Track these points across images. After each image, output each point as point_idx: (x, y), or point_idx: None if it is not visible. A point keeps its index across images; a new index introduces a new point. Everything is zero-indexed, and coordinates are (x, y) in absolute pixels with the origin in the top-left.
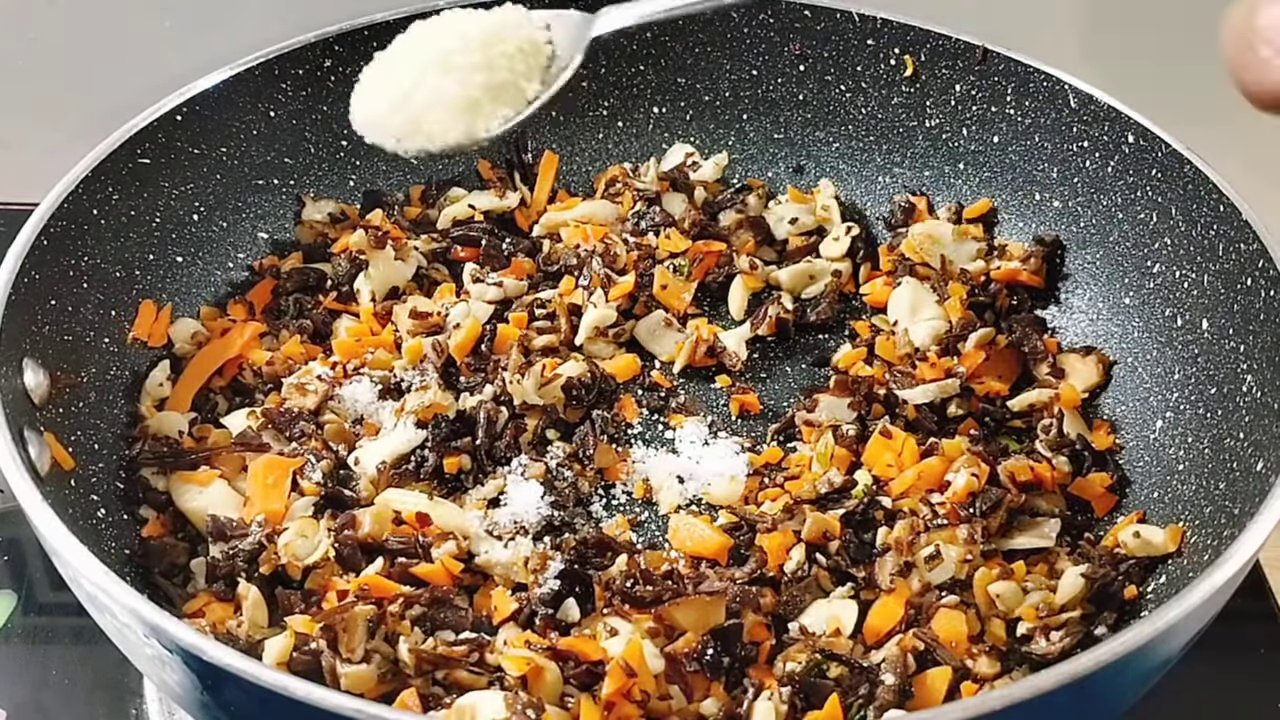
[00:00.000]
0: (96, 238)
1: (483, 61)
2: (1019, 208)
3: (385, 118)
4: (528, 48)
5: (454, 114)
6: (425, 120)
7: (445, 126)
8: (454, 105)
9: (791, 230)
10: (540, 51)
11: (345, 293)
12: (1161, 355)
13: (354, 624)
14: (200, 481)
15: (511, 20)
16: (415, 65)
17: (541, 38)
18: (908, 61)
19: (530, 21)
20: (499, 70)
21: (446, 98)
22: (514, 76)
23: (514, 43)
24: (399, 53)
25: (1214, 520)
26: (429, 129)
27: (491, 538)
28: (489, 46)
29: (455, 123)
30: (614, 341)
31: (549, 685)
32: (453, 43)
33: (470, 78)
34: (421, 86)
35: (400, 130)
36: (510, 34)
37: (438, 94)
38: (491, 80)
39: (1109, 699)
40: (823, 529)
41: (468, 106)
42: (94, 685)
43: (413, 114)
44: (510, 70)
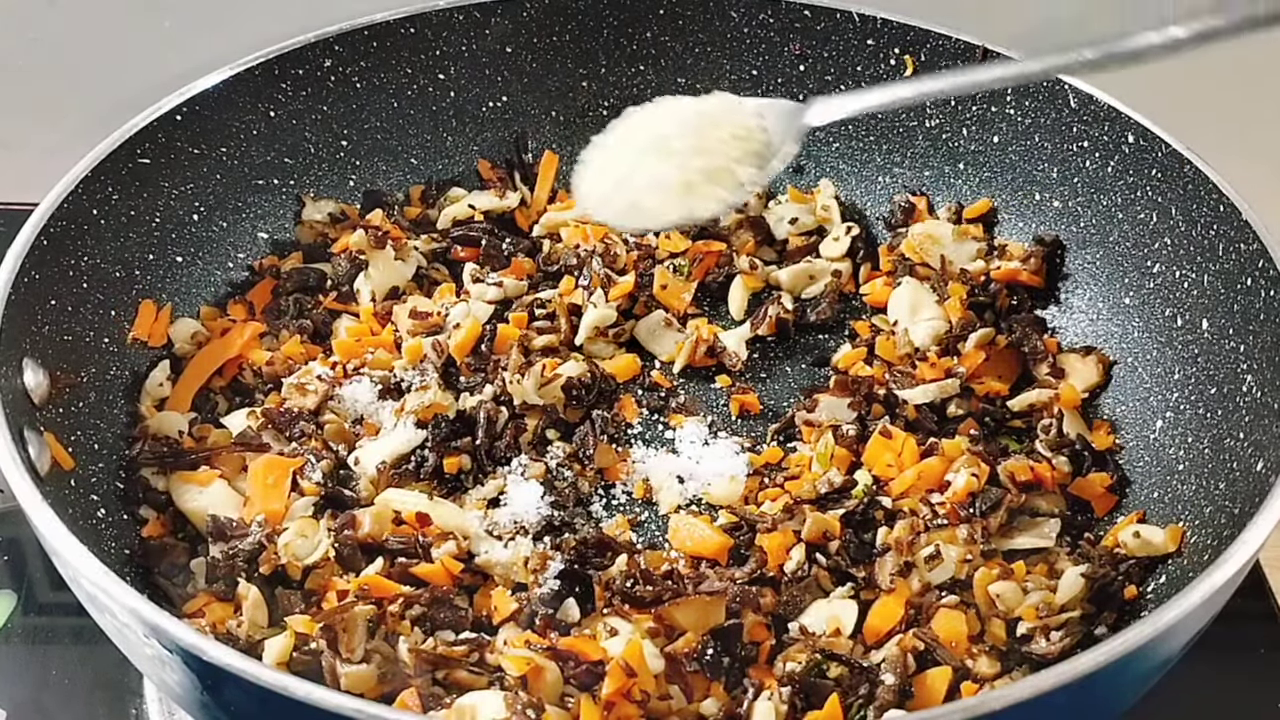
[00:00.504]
0: (96, 238)
1: (699, 146)
2: (1019, 208)
3: (609, 198)
4: (741, 133)
5: (672, 197)
6: (646, 202)
7: (665, 208)
8: (672, 188)
9: (791, 230)
10: (753, 137)
11: (345, 293)
12: (1161, 355)
13: (354, 624)
14: (200, 481)
15: (725, 106)
16: (635, 149)
17: (754, 124)
18: (908, 61)
19: (742, 108)
20: (715, 155)
21: (665, 181)
22: (728, 161)
23: (728, 128)
24: (620, 136)
25: (1214, 520)
26: (649, 210)
27: (491, 538)
28: (705, 132)
29: (674, 205)
30: (614, 341)
31: (549, 685)
32: (670, 128)
33: (688, 162)
34: (641, 170)
35: (622, 210)
36: (724, 120)
37: (657, 178)
38: (708, 165)
39: (1109, 699)
40: (823, 529)
41: (685, 189)
42: (94, 685)
43: (634, 196)
44: (725, 155)
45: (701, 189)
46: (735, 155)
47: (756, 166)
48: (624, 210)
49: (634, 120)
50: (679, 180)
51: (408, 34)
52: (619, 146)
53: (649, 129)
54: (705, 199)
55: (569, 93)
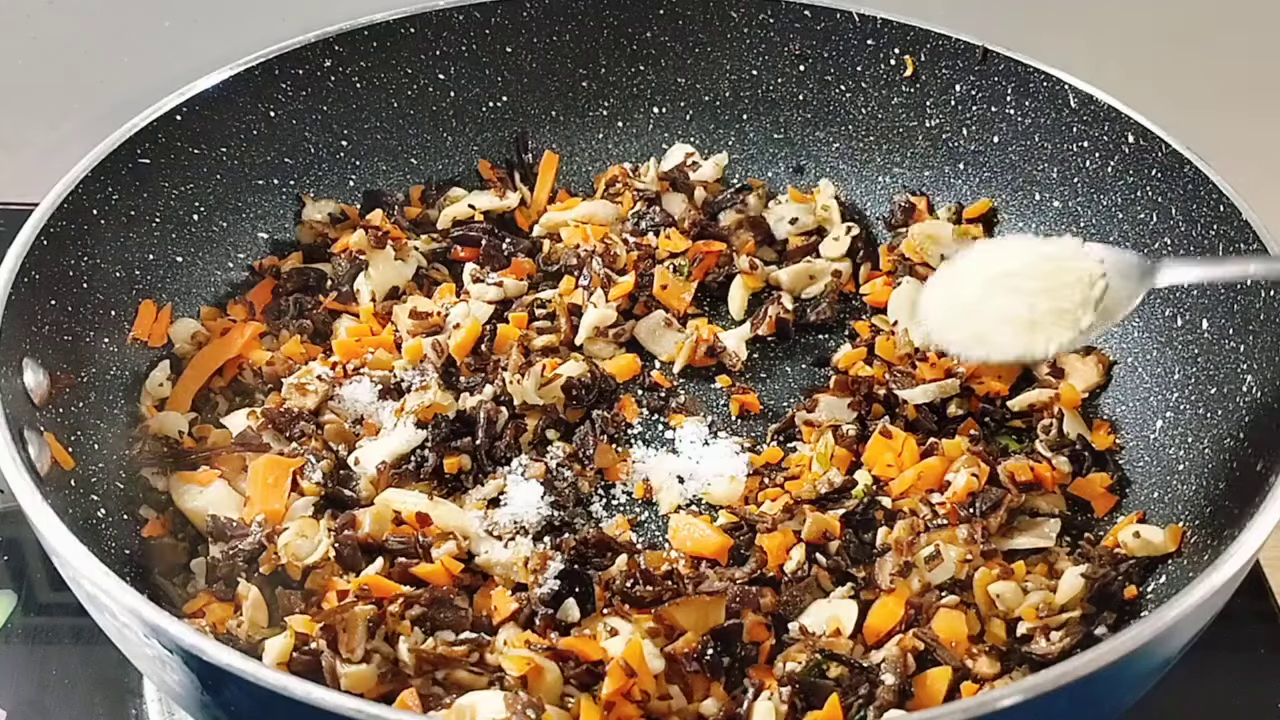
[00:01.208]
0: (96, 238)
1: (1046, 288)
2: (1019, 208)
3: (956, 324)
4: (1085, 279)
5: (1017, 332)
6: (991, 334)
7: (1008, 342)
8: (1019, 324)
9: (791, 230)
10: (1096, 285)
11: (345, 293)
12: (1161, 355)
13: (354, 624)
14: (200, 481)
15: (1070, 251)
16: (983, 281)
17: (1098, 271)
18: (908, 61)
19: (1087, 254)
20: (1059, 298)
21: (1013, 316)
22: (1072, 305)
23: (1074, 274)
24: (969, 266)
25: (1214, 520)
26: (994, 341)
27: (491, 538)
28: (1052, 275)
29: (1017, 340)
30: (614, 341)
31: (549, 685)
32: (1019, 266)
33: (1036, 302)
34: (989, 303)
35: (967, 338)
36: (1070, 264)
37: (1006, 312)
38: (1053, 306)
39: (1109, 699)
40: (823, 529)
41: (1029, 327)
42: (94, 685)
43: (981, 326)
44: (1069, 299)
45: (1045, 328)
46: (1077, 300)
47: (1095, 312)
48: (968, 339)
49: (983, 253)
50: (1027, 318)
51: (408, 34)
52: (968, 276)
53: (998, 264)
54: (1047, 338)
55: (569, 93)
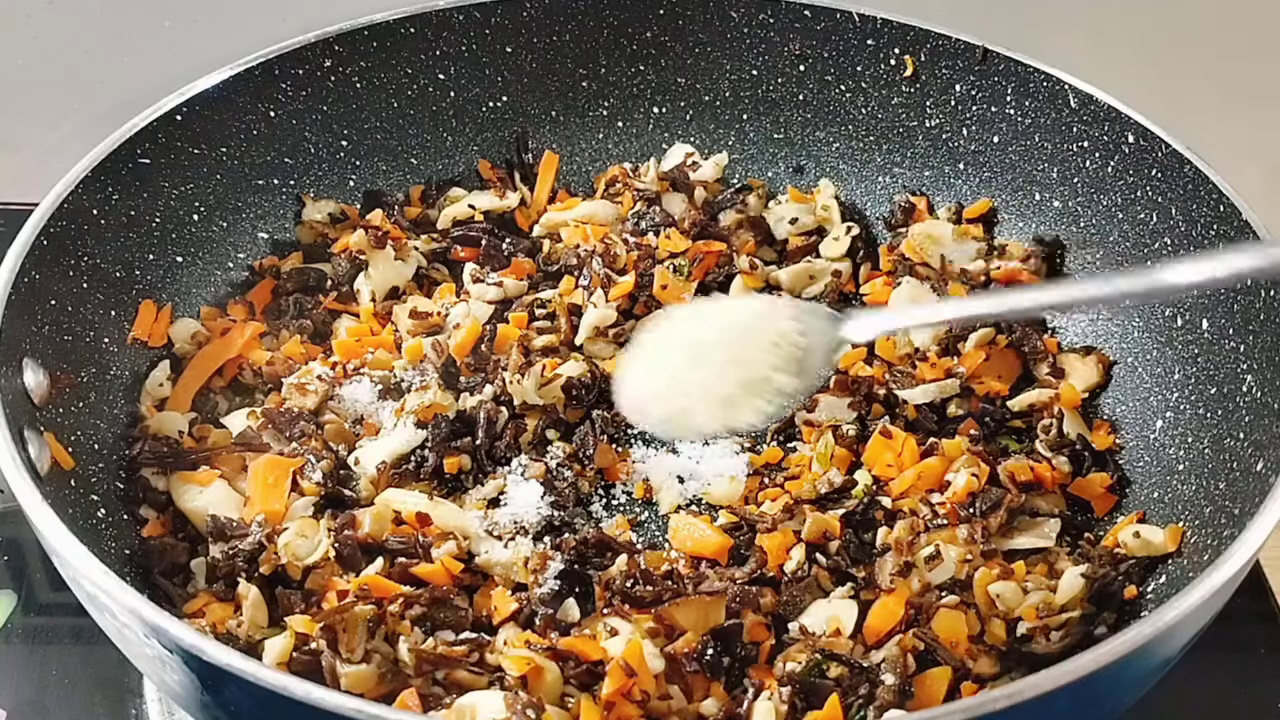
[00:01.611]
0: (96, 238)
1: (737, 356)
2: (1019, 208)
3: (648, 408)
4: (780, 340)
5: (712, 408)
6: (685, 414)
7: (705, 419)
8: (712, 400)
9: (791, 230)
10: (791, 344)
11: (345, 293)
12: (1161, 355)
13: (354, 624)
14: (200, 481)
15: (762, 312)
16: (673, 357)
17: (791, 329)
18: (908, 61)
19: (780, 314)
20: (753, 365)
21: (706, 393)
22: (767, 370)
23: (766, 336)
24: (658, 341)
25: (1214, 520)
26: (690, 421)
27: (491, 538)
28: (743, 341)
29: (714, 416)
30: (614, 341)
31: (549, 685)
32: (709, 335)
33: (726, 372)
34: (680, 381)
35: (662, 420)
36: (762, 327)
37: (696, 389)
38: (746, 375)
39: (1109, 699)
40: (823, 529)
41: (724, 403)
42: (94, 685)
43: (673, 407)
44: (763, 364)
45: (740, 401)
46: (773, 363)
47: (794, 374)
48: (663, 420)
49: (672, 325)
50: (719, 394)
51: (408, 34)
52: (657, 353)
53: (687, 335)
54: (744, 410)
55: (569, 93)
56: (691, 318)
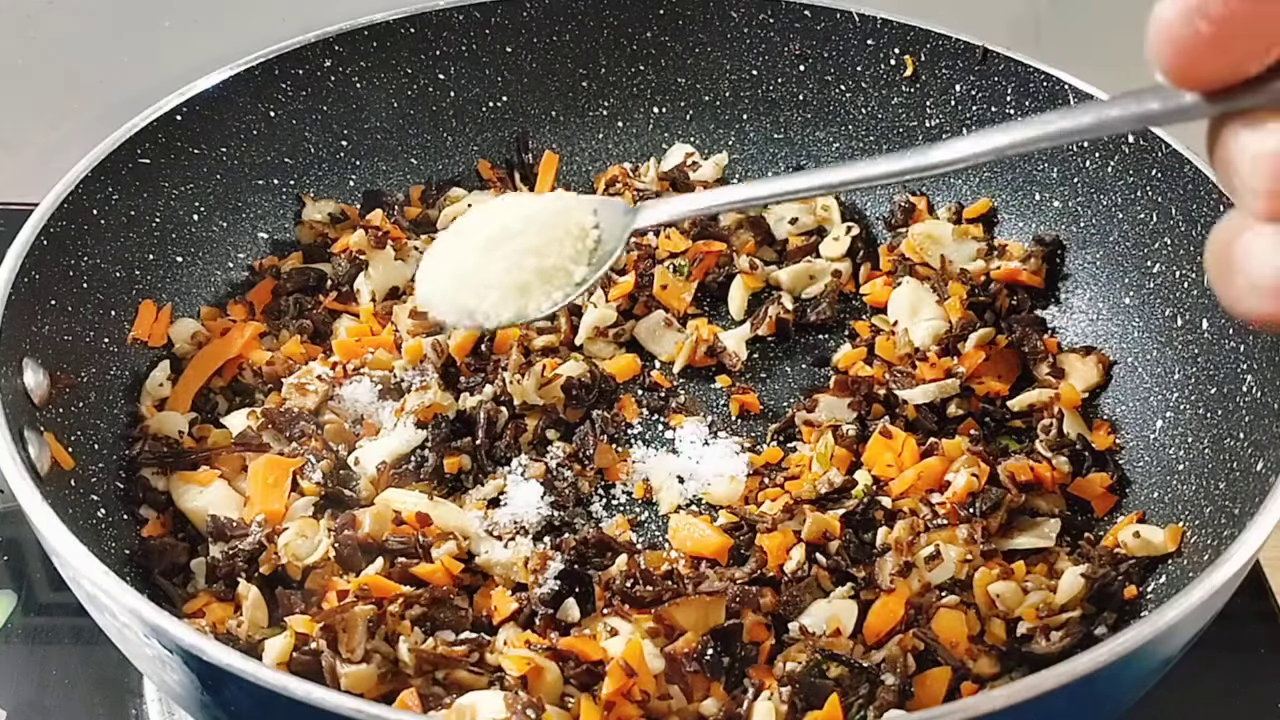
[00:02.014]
0: (96, 238)
1: (534, 246)
2: (1019, 208)
3: (445, 297)
4: (576, 232)
5: (507, 296)
6: (481, 302)
7: (499, 308)
8: (507, 288)
9: (791, 230)
10: (587, 236)
11: (345, 293)
12: (1162, 355)
13: (354, 624)
14: (200, 481)
15: (561, 206)
16: (471, 249)
17: (589, 222)
18: (908, 62)
19: (579, 206)
20: (549, 255)
21: (501, 282)
22: (563, 261)
23: (563, 228)
24: (457, 235)
25: (1214, 520)
26: (485, 309)
27: (491, 538)
28: (540, 233)
29: (508, 304)
30: (614, 341)
31: (549, 685)
32: (507, 227)
33: (522, 262)
34: (477, 270)
35: (458, 310)
36: (560, 220)
37: (493, 277)
38: (542, 265)
39: (1109, 699)
40: (823, 529)
41: (520, 289)
42: (94, 685)
43: (470, 295)
44: (559, 254)
45: (535, 288)
46: (570, 254)
47: (589, 264)
48: (460, 309)
49: (473, 218)
50: (514, 281)
51: (408, 34)
52: (457, 244)
53: (486, 228)
54: (538, 298)
55: (569, 93)
56: (491, 211)
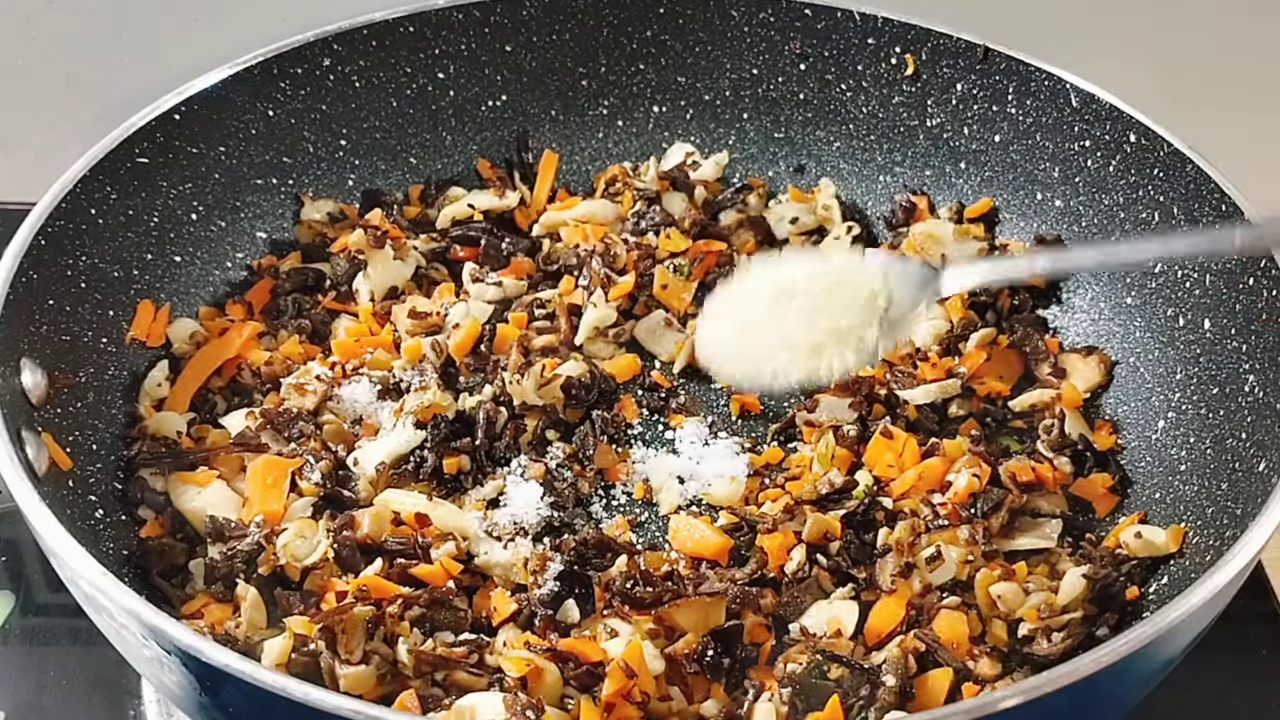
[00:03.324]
0: (94, 237)
1: (825, 307)
2: (1020, 207)
3: (734, 357)
4: (867, 294)
5: (799, 357)
6: (771, 363)
7: (790, 368)
8: (799, 349)
9: (792, 230)
10: (878, 297)
11: (344, 293)
12: (1163, 355)
13: (353, 625)
14: (199, 482)
15: (848, 266)
16: (760, 307)
17: (879, 285)
18: (909, 60)
19: (865, 268)
20: (840, 316)
21: (792, 342)
22: (853, 324)
23: (854, 289)
24: (745, 291)
25: (1216, 521)
26: (774, 369)
27: (491, 538)
28: (831, 293)
29: (799, 365)
30: (614, 341)
31: (549, 686)
32: (797, 287)
33: (816, 321)
34: (769, 329)
35: (747, 370)
36: (848, 280)
37: (787, 337)
38: (834, 326)
39: (1111, 700)
40: (823, 530)
41: (811, 352)
42: (92, 686)
43: (759, 356)
44: (850, 317)
45: (828, 350)
46: (860, 318)
47: (880, 327)
48: (748, 370)
49: (760, 276)
50: (806, 342)
51: (407, 33)
52: (743, 303)
53: (775, 287)
54: (831, 360)
55: (569, 92)
56: (778, 270)
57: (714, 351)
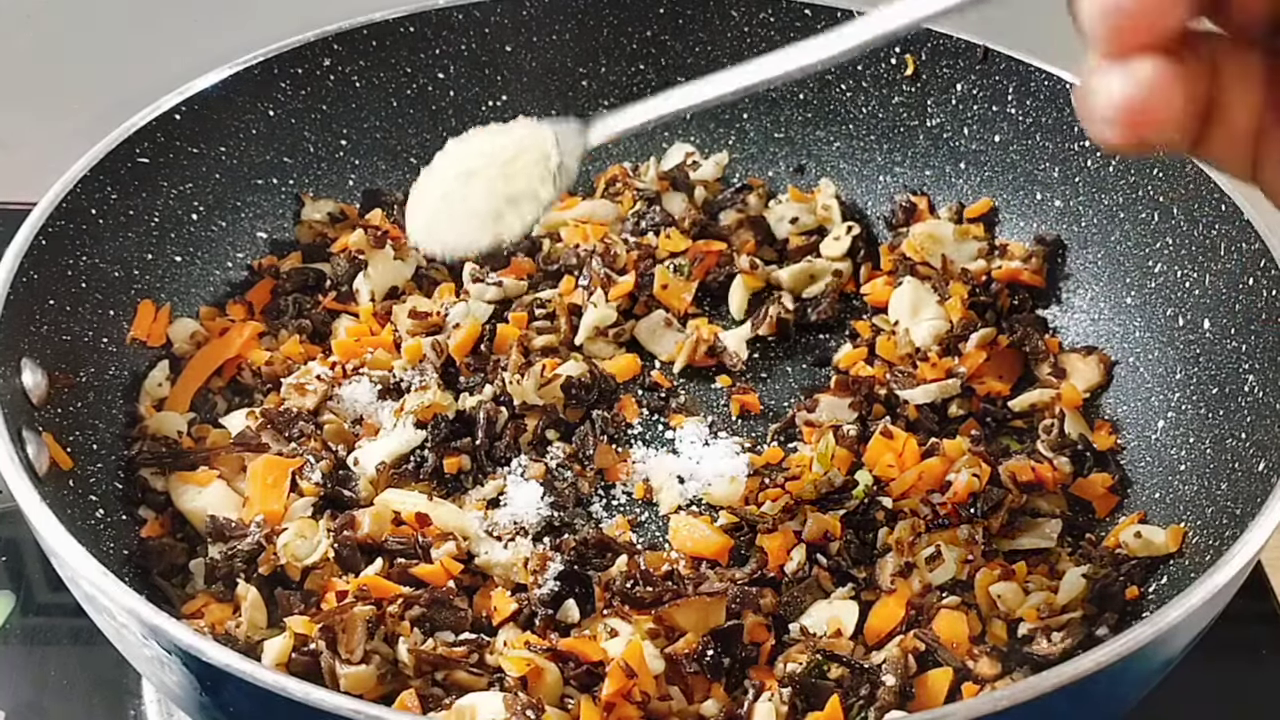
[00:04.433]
0: (95, 237)
1: (505, 174)
2: (1020, 207)
3: (429, 230)
4: (539, 157)
5: (484, 223)
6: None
7: (478, 236)
8: (484, 216)
9: (792, 230)
10: (550, 158)
11: (344, 293)
12: (1163, 355)
13: (353, 625)
14: (199, 482)
15: (525, 134)
16: (448, 181)
17: (550, 147)
18: (909, 60)
19: (541, 133)
20: (517, 180)
21: (477, 210)
22: (531, 184)
23: (530, 154)
24: (436, 171)
25: (1215, 521)
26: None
27: (491, 538)
28: (510, 162)
29: (485, 231)
30: (614, 341)
31: (549, 686)
32: (480, 160)
33: (496, 188)
34: (454, 203)
35: (442, 240)
36: (525, 146)
37: (473, 207)
38: (511, 191)
39: (1110, 700)
40: (823, 529)
41: (495, 217)
42: (92, 686)
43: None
44: (527, 179)
45: (507, 214)
46: (537, 177)
47: (552, 185)
48: (443, 240)
49: (449, 154)
50: (489, 209)
51: (407, 33)
52: (435, 181)
53: (460, 163)
54: (511, 221)
55: (569, 92)
56: (463, 146)
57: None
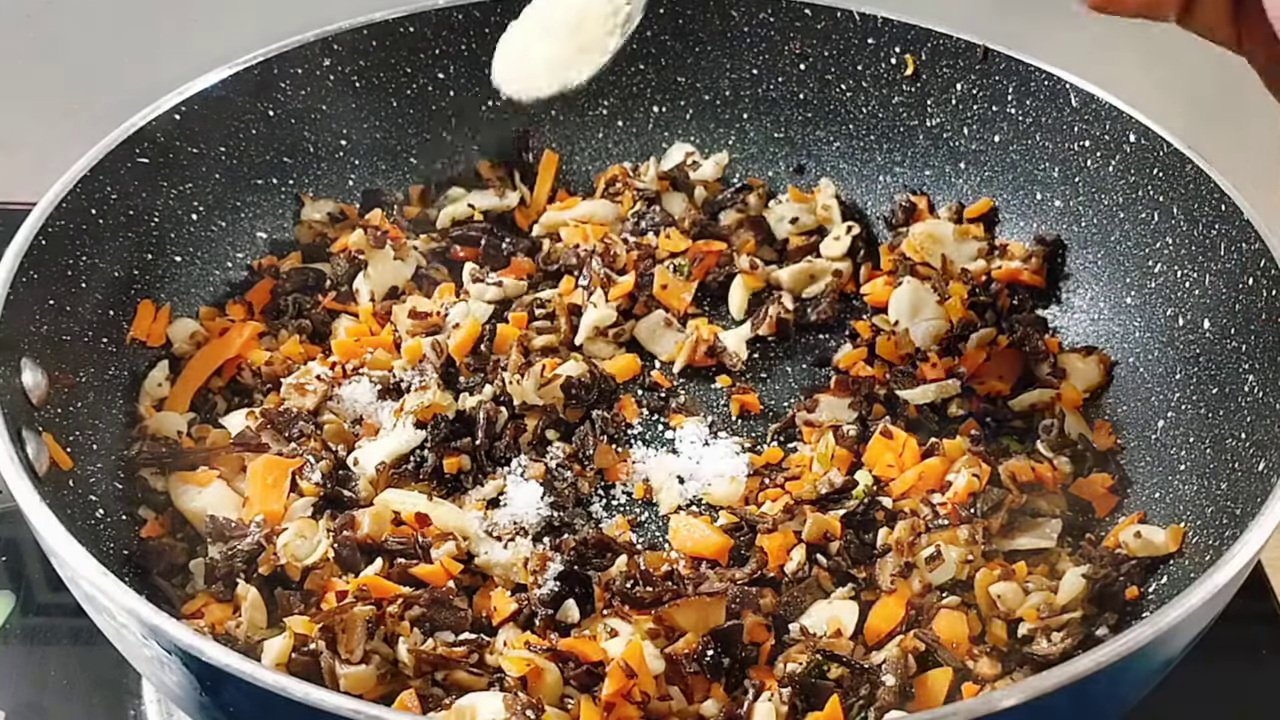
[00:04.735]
0: (95, 237)
1: (578, 24)
2: (1020, 207)
3: (516, 77)
4: (610, 9)
5: (553, 70)
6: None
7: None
8: (556, 64)
9: (792, 230)
10: (620, 11)
11: (344, 293)
12: (1163, 355)
13: (353, 625)
14: (199, 482)
15: None
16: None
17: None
18: (909, 60)
19: None
20: (589, 32)
21: (551, 58)
22: (600, 35)
23: (602, 6)
24: (521, 24)
25: (1215, 521)
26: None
27: (491, 538)
28: (584, 13)
29: (554, 78)
30: (614, 341)
31: (549, 686)
32: (557, 13)
33: (570, 38)
34: (534, 50)
35: (524, 85)
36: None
37: (548, 56)
38: (583, 40)
39: (1110, 700)
40: (823, 529)
41: (564, 65)
42: (92, 686)
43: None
44: (598, 30)
45: (578, 61)
46: (606, 29)
47: (618, 34)
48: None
49: (530, 10)
50: (563, 57)
51: (407, 33)
52: (519, 33)
53: (542, 14)
54: (581, 68)
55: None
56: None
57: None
